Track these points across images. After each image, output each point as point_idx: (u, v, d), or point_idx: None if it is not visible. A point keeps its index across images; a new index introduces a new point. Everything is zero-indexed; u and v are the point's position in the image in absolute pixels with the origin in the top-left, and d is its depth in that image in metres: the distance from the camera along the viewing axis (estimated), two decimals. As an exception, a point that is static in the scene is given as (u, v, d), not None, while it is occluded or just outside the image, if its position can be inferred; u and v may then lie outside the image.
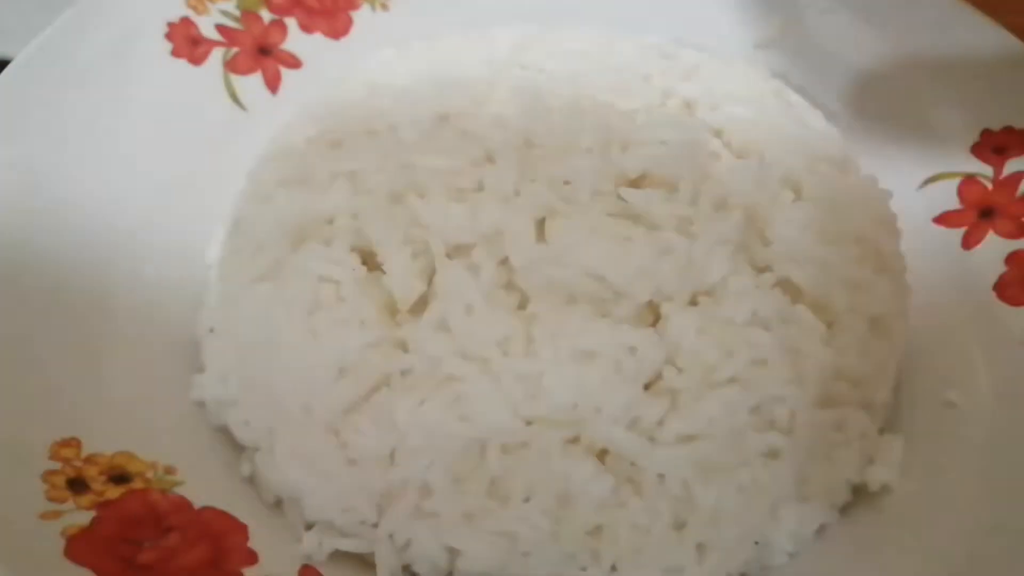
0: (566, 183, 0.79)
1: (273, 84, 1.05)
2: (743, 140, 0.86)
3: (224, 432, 0.82)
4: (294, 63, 1.06)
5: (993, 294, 0.92)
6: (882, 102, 1.07)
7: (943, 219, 0.99)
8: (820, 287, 0.78)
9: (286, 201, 0.79)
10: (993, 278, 0.93)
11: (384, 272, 0.75)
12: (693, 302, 0.75)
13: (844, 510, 0.83)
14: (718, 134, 0.87)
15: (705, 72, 0.93)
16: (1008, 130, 1.01)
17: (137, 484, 0.74)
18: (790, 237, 0.79)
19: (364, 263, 0.77)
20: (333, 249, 0.76)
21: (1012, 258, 0.94)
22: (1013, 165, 0.99)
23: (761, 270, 0.79)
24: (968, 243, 0.97)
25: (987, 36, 1.04)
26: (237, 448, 0.81)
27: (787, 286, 0.78)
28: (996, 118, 1.02)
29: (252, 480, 0.80)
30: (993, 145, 1.01)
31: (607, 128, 0.83)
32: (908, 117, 1.06)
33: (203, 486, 0.76)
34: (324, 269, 0.75)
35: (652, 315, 0.75)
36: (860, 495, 0.84)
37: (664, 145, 0.82)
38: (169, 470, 0.76)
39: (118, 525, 0.70)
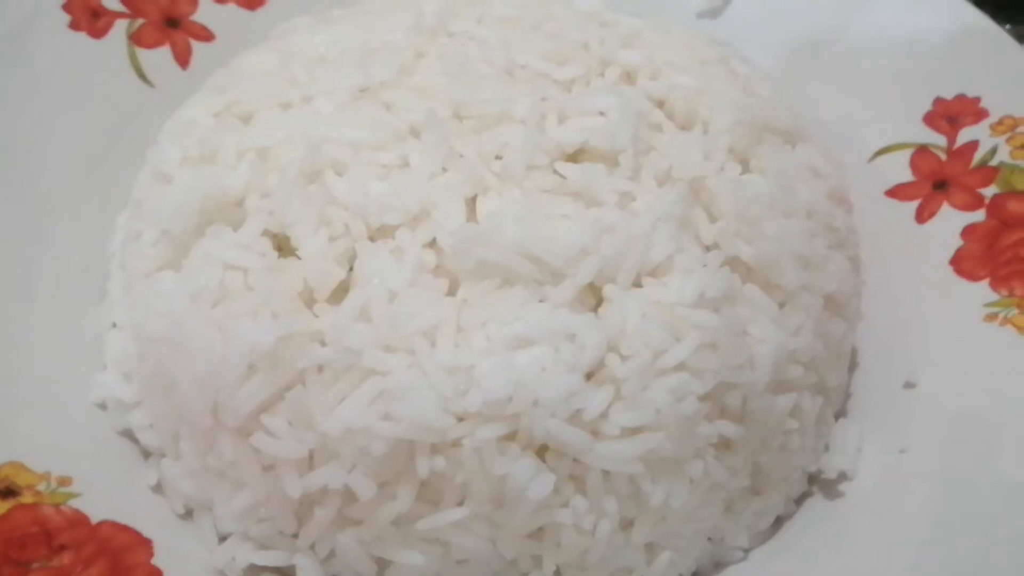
0: (498, 157, 0.73)
1: (183, 58, 0.97)
2: (686, 110, 0.81)
3: (127, 437, 0.75)
4: (206, 36, 0.99)
5: (950, 269, 0.88)
6: (830, 71, 1.03)
7: (896, 192, 0.95)
8: (771, 265, 0.73)
9: (189, 181, 0.72)
10: (949, 252, 0.89)
11: (299, 257, 0.68)
12: (637, 283, 0.70)
13: (800, 500, 0.79)
14: (660, 104, 0.82)
15: (646, 39, 0.87)
16: (961, 98, 0.96)
17: (26, 498, 0.67)
18: (738, 212, 0.74)
19: (278, 248, 0.70)
20: (242, 233, 0.69)
21: (968, 231, 0.89)
22: (967, 134, 0.95)
23: (708, 248, 0.73)
24: (922, 216, 0.92)
25: (942, 3, 1.00)
26: (142, 454, 0.75)
27: (736, 264, 0.73)
28: (949, 86, 0.97)
29: (159, 489, 0.73)
30: (946, 114, 0.96)
31: (542, 98, 0.77)
32: (857, 86, 1.01)
33: (102, 498, 0.69)
34: (231, 255, 0.68)
35: (593, 298, 0.69)
36: (817, 483, 0.79)
37: (603, 116, 0.76)
38: (64, 481, 0.69)
39: (3, 545, 0.63)
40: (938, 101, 0.97)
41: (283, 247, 0.70)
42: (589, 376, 0.66)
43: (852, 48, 1.03)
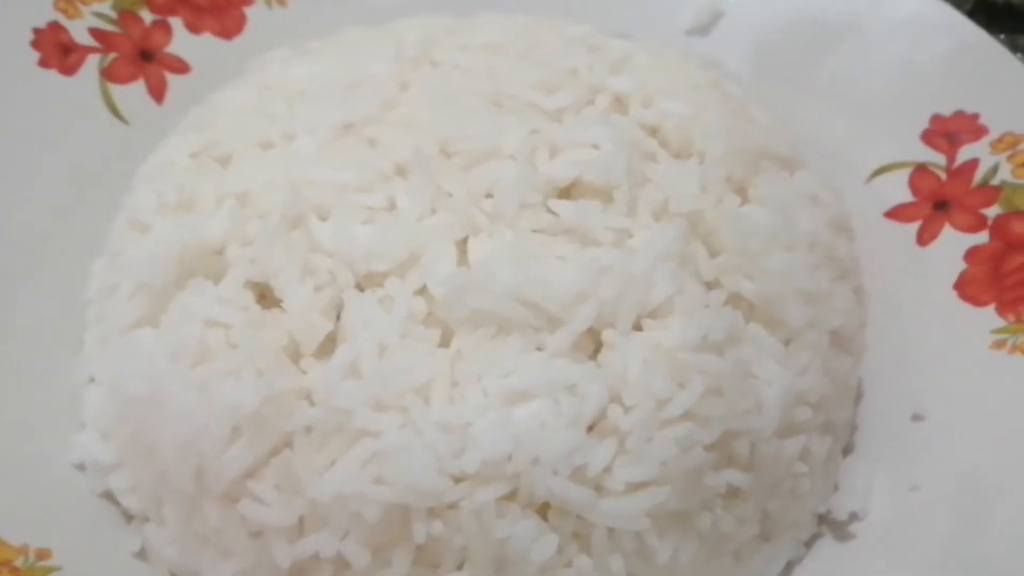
0: (488, 196, 0.70)
1: (158, 92, 0.94)
2: (681, 138, 0.78)
3: (109, 499, 0.72)
4: (181, 68, 0.96)
5: (954, 294, 0.85)
6: (824, 89, 1.00)
7: (895, 213, 0.92)
8: (774, 301, 0.70)
9: (166, 231, 0.69)
10: (953, 276, 0.86)
11: (283, 308, 0.65)
12: (637, 326, 0.67)
13: (810, 542, 0.76)
14: (653, 132, 0.79)
15: (636, 64, 0.85)
16: (959, 115, 0.94)
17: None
18: (738, 246, 0.72)
19: (260, 297, 0.67)
20: (222, 286, 0.66)
21: (972, 254, 0.87)
22: (966, 152, 0.92)
23: (709, 284, 0.71)
24: (923, 238, 0.90)
25: (937, 17, 0.98)
26: (124, 517, 0.71)
27: (738, 301, 0.70)
28: (946, 102, 0.95)
29: (142, 555, 0.70)
30: (945, 132, 0.94)
31: (532, 131, 0.74)
32: (852, 104, 0.98)
33: (84, 568, 0.66)
34: (211, 311, 0.64)
35: (592, 343, 0.66)
36: (826, 523, 0.77)
37: (596, 148, 0.73)
38: (42, 554, 0.66)
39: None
40: (936, 118, 0.95)
41: (266, 295, 0.67)
42: (591, 429, 0.63)
43: (846, 65, 1.00)
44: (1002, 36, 1.15)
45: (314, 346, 0.64)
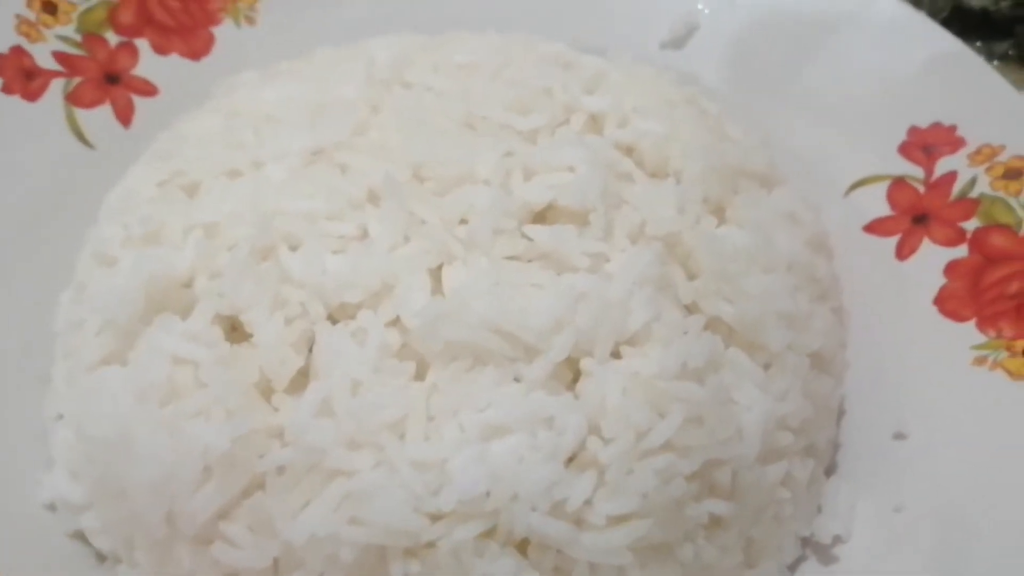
0: (462, 222, 0.69)
1: (125, 116, 0.92)
2: (657, 158, 0.78)
3: (81, 539, 0.70)
4: (148, 90, 0.94)
5: (935, 309, 0.84)
6: (800, 101, 0.99)
7: (874, 227, 0.91)
8: (754, 325, 0.70)
9: (133, 265, 0.67)
10: (933, 291, 0.85)
11: (253, 344, 0.64)
12: (615, 353, 0.66)
13: (794, 566, 0.75)
14: (629, 152, 0.78)
15: (611, 82, 0.84)
16: (937, 127, 0.93)
17: (-32, 623, 0.62)
18: (716, 269, 0.71)
19: (232, 331, 0.66)
20: (191, 322, 0.64)
21: (952, 268, 0.86)
22: (944, 164, 0.92)
23: (688, 308, 0.70)
24: (903, 253, 0.89)
25: (913, 27, 0.97)
26: (97, 558, 0.69)
27: (717, 325, 0.69)
28: (923, 114, 0.94)
29: (115, 598, 0.68)
30: (922, 144, 0.93)
31: (506, 153, 0.73)
32: (829, 116, 0.98)
33: (54, 612, 0.64)
34: (179, 348, 0.63)
35: (570, 372, 0.65)
36: (810, 546, 0.76)
37: (571, 171, 0.72)
38: (12, 598, 0.64)
39: None
40: (913, 130, 0.94)
41: (236, 328, 0.66)
42: (569, 462, 0.62)
43: (822, 77, 0.99)
44: (979, 43, 1.15)
45: (286, 382, 0.63)
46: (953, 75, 0.95)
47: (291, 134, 0.75)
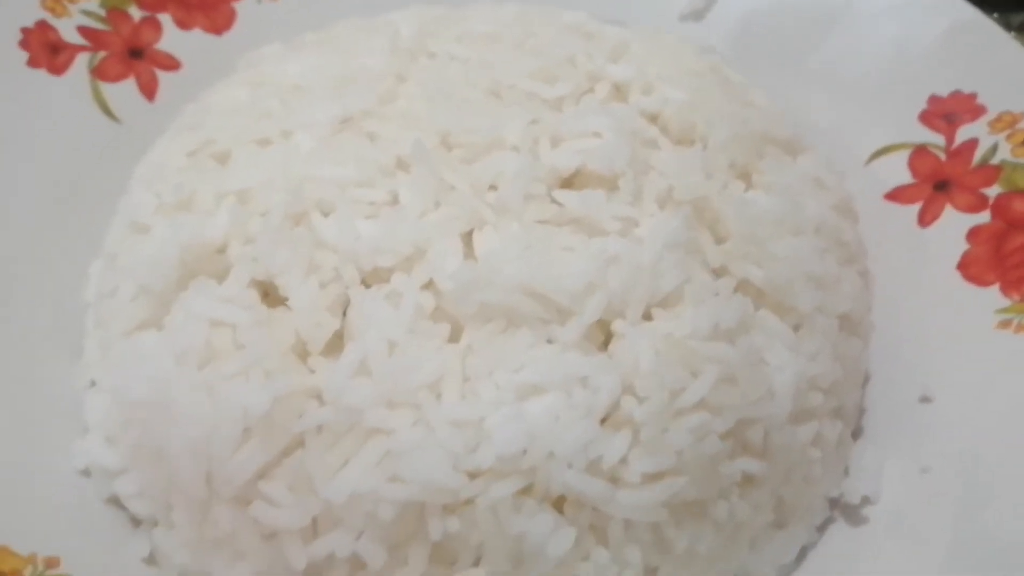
0: (492, 188, 0.69)
1: (149, 90, 0.93)
2: (682, 124, 0.78)
3: (116, 504, 0.70)
4: (172, 64, 0.94)
5: (958, 274, 0.85)
6: (819, 73, 0.99)
7: (896, 195, 0.92)
8: (783, 287, 0.70)
9: (166, 232, 0.68)
10: (956, 257, 0.85)
11: (289, 308, 0.64)
12: (647, 316, 0.66)
13: (823, 527, 0.75)
14: (654, 119, 0.79)
15: (634, 51, 0.84)
16: (956, 95, 0.93)
17: (13, 585, 0.62)
18: (745, 233, 0.71)
19: (265, 295, 0.66)
20: (226, 286, 0.65)
21: (974, 234, 0.86)
22: (965, 132, 0.92)
23: (717, 272, 0.70)
24: (925, 219, 0.89)
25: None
26: (132, 522, 0.70)
27: (747, 288, 0.70)
28: (943, 83, 0.94)
29: (152, 560, 0.68)
30: (942, 112, 0.93)
31: (533, 121, 0.73)
32: (848, 87, 0.98)
33: (92, 576, 0.64)
34: (216, 311, 0.63)
35: (602, 334, 0.66)
36: (838, 508, 0.76)
37: (598, 136, 0.73)
38: (51, 562, 0.64)
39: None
40: (933, 99, 0.94)
41: (270, 294, 0.66)
42: (604, 421, 0.62)
43: (840, 48, 1.00)
44: (996, 15, 1.15)
45: (322, 344, 0.63)
46: (972, 43, 0.96)
47: (318, 103, 0.75)
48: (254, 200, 0.68)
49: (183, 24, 0.96)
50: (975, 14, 0.97)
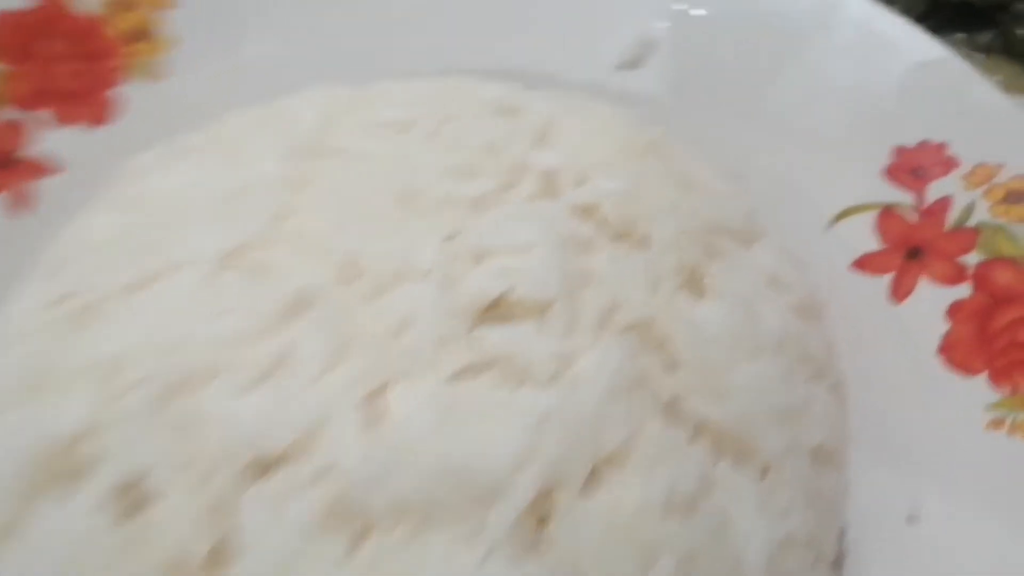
0: (402, 329, 0.59)
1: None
2: (621, 219, 0.68)
3: None
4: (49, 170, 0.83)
5: (940, 359, 0.76)
6: (771, 122, 0.90)
7: (864, 263, 0.82)
8: (745, 425, 0.60)
9: (17, 421, 0.57)
10: (936, 339, 0.76)
11: (159, 513, 0.54)
12: (592, 478, 0.56)
13: None
14: (589, 213, 0.69)
15: (563, 129, 0.74)
16: (924, 145, 0.84)
17: None
18: (698, 359, 0.61)
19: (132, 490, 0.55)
20: (81, 500, 0.54)
21: (955, 310, 0.77)
22: (937, 188, 0.83)
23: (668, 408, 0.60)
24: (898, 293, 0.80)
25: (889, 32, 0.88)
26: None
27: (704, 430, 0.60)
28: (909, 132, 0.85)
29: None
30: (910, 166, 0.84)
31: (449, 237, 0.63)
32: (804, 138, 0.89)
33: None
34: (71, 531, 0.53)
35: (538, 512, 0.56)
36: (821, 656, 0.67)
37: (527, 251, 0.63)
38: None
39: None
40: (898, 151, 0.85)
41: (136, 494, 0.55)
42: (542, 636, 0.53)
43: (793, 95, 0.90)
44: (963, 35, 1.06)
45: (200, 560, 0.53)
46: (939, 85, 0.87)
47: (199, 231, 0.65)
48: (119, 373, 0.57)
49: (65, 119, 0.85)
50: (941, 50, 0.88)
